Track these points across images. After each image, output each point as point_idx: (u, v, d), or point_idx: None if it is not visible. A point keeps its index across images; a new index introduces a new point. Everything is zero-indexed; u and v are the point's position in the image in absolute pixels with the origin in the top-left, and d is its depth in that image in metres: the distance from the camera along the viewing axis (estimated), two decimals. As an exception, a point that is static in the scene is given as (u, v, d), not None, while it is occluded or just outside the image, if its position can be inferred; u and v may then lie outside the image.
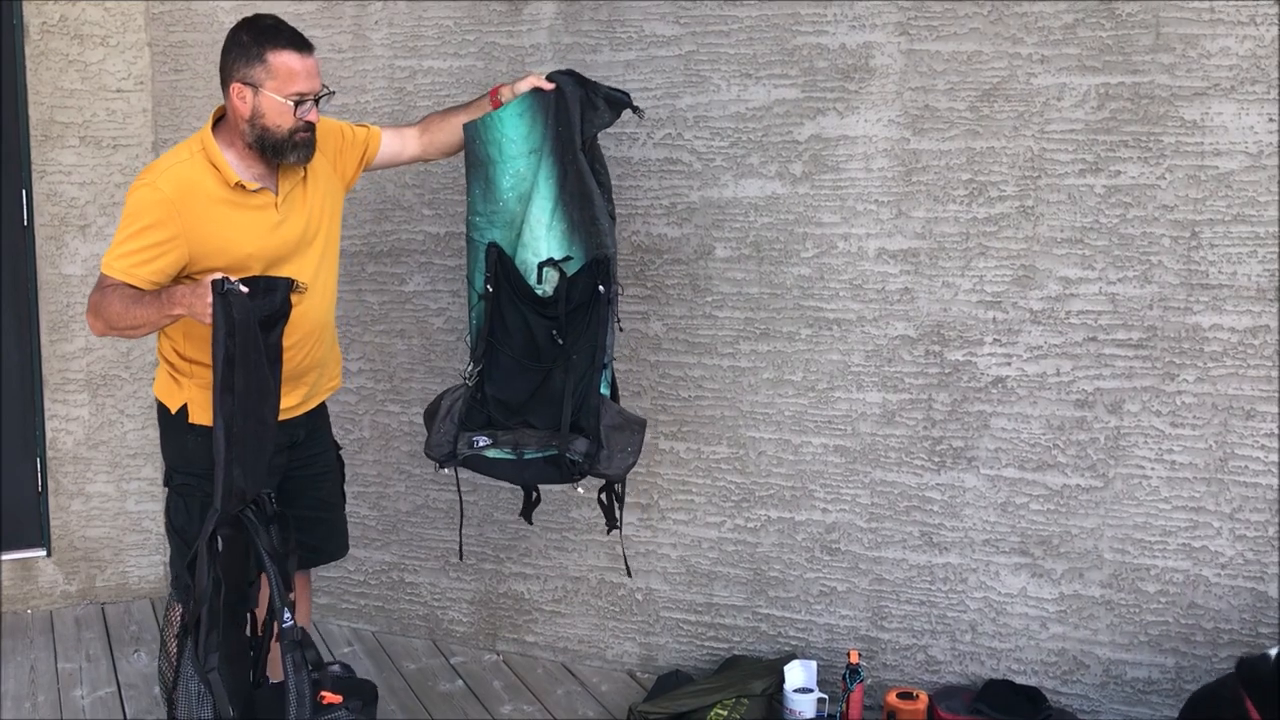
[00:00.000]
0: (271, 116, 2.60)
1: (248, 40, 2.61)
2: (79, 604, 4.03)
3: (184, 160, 2.63)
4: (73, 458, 3.96)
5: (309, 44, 2.65)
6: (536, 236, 2.80)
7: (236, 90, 2.61)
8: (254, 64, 2.59)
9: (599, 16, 3.33)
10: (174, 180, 2.59)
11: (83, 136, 3.84)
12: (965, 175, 3.07)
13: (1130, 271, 2.97)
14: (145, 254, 2.56)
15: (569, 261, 2.80)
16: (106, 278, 2.58)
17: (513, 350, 2.84)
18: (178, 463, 2.76)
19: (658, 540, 3.49)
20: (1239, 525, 2.97)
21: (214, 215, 2.61)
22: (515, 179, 2.81)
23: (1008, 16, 2.98)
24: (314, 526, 2.95)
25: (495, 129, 2.81)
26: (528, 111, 2.80)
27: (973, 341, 3.12)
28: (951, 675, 3.25)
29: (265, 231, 2.67)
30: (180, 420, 2.72)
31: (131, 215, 2.58)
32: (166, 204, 2.55)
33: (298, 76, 2.60)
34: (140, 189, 2.60)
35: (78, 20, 3.80)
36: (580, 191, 2.79)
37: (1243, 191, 2.86)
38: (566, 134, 2.78)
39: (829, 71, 3.14)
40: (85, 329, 3.90)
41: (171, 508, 2.78)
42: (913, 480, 3.22)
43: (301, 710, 2.41)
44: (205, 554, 2.41)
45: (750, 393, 3.33)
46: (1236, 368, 2.92)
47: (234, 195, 2.64)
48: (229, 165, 2.63)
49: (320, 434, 2.97)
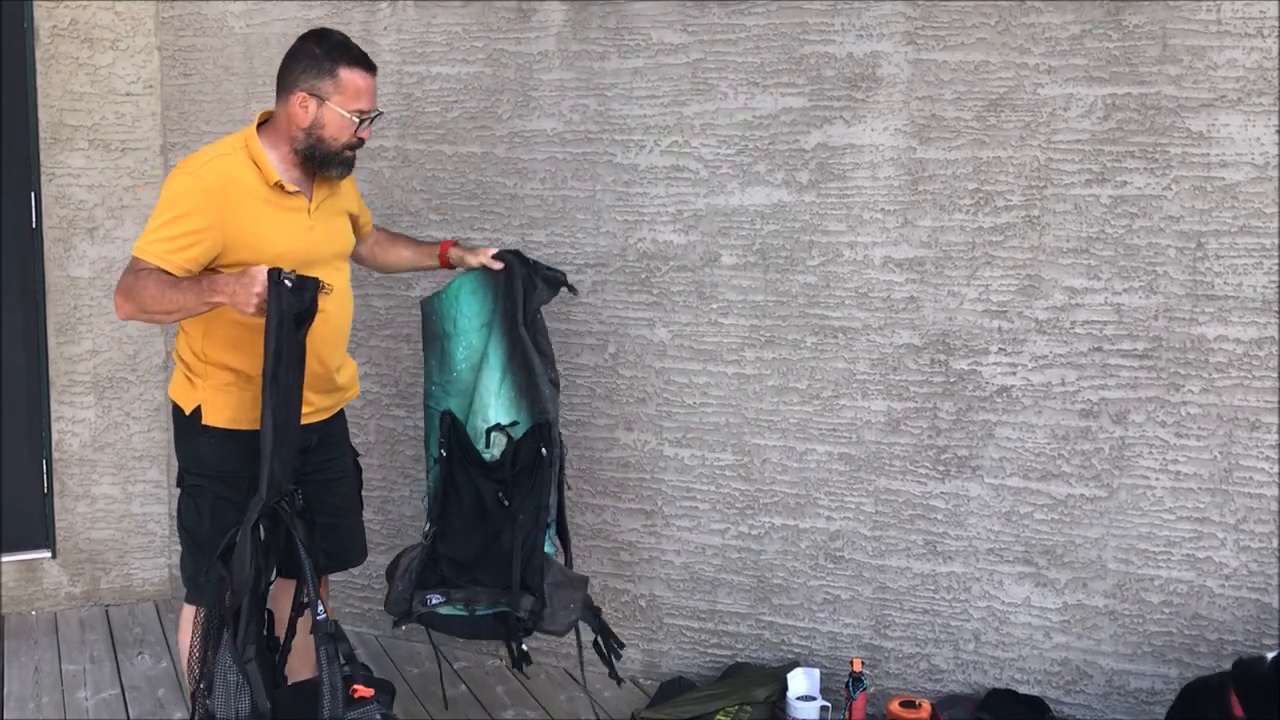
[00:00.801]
0: (332, 129, 2.66)
1: (319, 53, 2.65)
2: (83, 606, 4.04)
3: (226, 154, 2.66)
4: (78, 460, 3.97)
5: (373, 64, 2.72)
6: (486, 404, 2.99)
7: (300, 99, 2.65)
8: (324, 77, 2.64)
9: (607, 24, 3.34)
10: (216, 171, 2.61)
11: (92, 139, 3.86)
12: (971, 185, 3.07)
13: (1136, 282, 2.98)
14: (182, 240, 2.56)
15: (515, 426, 2.97)
16: (140, 261, 2.57)
17: (463, 512, 2.98)
18: (189, 464, 2.76)
19: (661, 546, 3.49)
20: (1243, 536, 2.97)
21: (251, 211, 2.63)
22: (468, 350, 3.03)
23: (1015, 27, 2.99)
24: (329, 532, 2.93)
25: (451, 306, 3.03)
26: (480, 289, 3.02)
27: (978, 351, 3.12)
28: (954, 684, 3.25)
29: (297, 233, 2.70)
30: (194, 421, 2.72)
31: (171, 201, 2.60)
32: (207, 193, 2.57)
33: (363, 94, 2.67)
34: (181, 176, 2.62)
35: (88, 24, 3.81)
36: (524, 362, 2.99)
37: (1249, 203, 2.87)
38: (511, 310, 3.00)
39: (836, 80, 3.15)
40: (92, 331, 3.92)
41: (182, 508, 2.78)
42: (917, 489, 3.22)
43: (335, 704, 2.39)
44: (249, 542, 2.41)
45: (755, 400, 3.33)
46: (1241, 379, 2.92)
47: (272, 194, 2.66)
48: (270, 164, 2.66)
49: (335, 440, 2.96)
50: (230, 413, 2.71)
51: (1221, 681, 2.71)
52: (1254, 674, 2.66)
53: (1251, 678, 2.65)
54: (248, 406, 2.71)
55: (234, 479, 2.70)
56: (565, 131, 3.42)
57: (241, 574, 2.39)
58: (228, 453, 2.71)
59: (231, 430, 2.71)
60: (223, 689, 2.33)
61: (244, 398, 2.71)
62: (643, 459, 3.47)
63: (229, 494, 2.71)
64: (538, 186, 3.49)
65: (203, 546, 2.72)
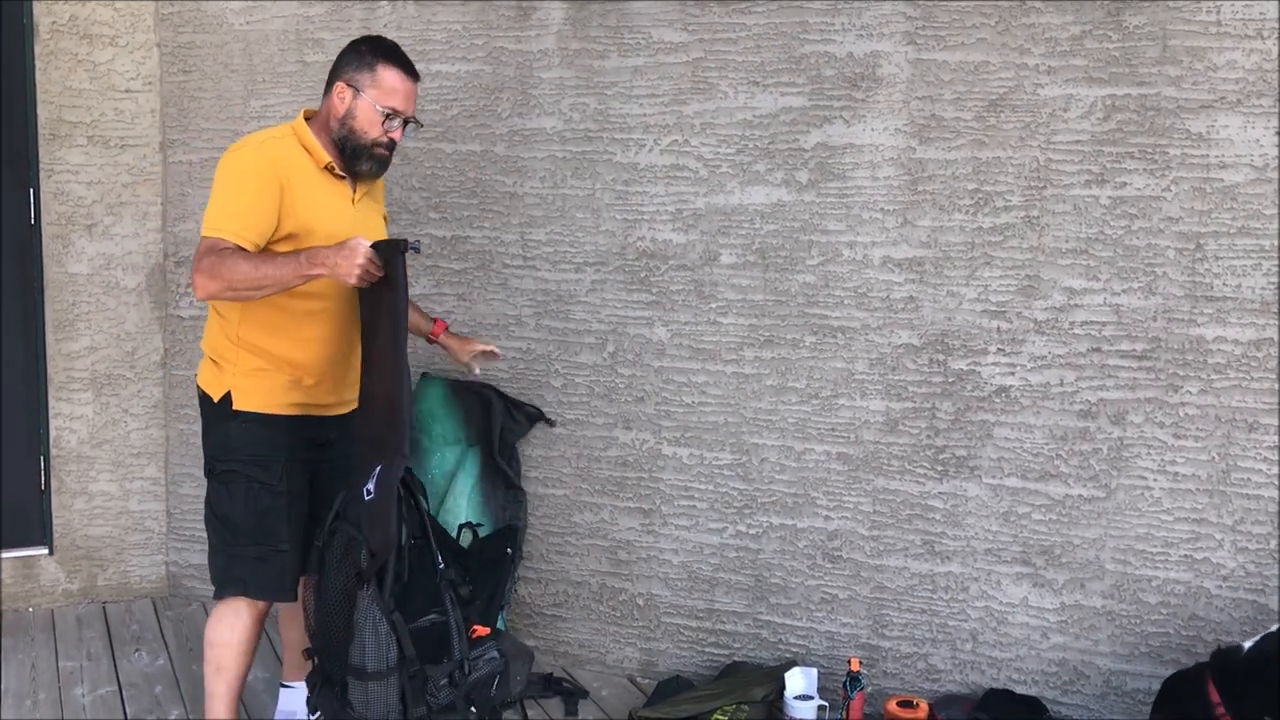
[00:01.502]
0: (361, 121, 2.72)
1: (365, 50, 2.75)
2: (80, 603, 4.04)
3: (278, 137, 2.73)
4: (76, 456, 3.96)
5: (417, 73, 2.79)
6: (459, 504, 3.47)
7: (339, 89, 2.73)
8: (363, 70, 2.72)
9: (607, 22, 3.34)
10: (272, 150, 2.69)
11: (91, 136, 3.85)
12: (971, 185, 3.07)
13: (1135, 283, 2.98)
14: (253, 215, 2.61)
15: (481, 527, 3.42)
16: (217, 240, 2.59)
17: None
18: (219, 451, 2.78)
19: (659, 545, 3.49)
20: (1241, 537, 2.97)
21: (305, 187, 2.69)
22: (441, 461, 3.53)
23: (1015, 27, 2.99)
24: None
25: (427, 420, 3.51)
26: (453, 412, 3.52)
27: (977, 351, 3.12)
28: (952, 684, 3.25)
29: (345, 216, 2.76)
30: (224, 408, 2.75)
31: (234, 176, 2.65)
32: (269, 165, 2.64)
33: (397, 93, 2.73)
34: (240, 152, 2.68)
35: (87, 20, 3.81)
36: (494, 481, 3.50)
37: (1248, 204, 2.87)
38: (489, 443, 3.49)
39: (836, 80, 3.15)
40: (90, 328, 3.91)
41: (215, 496, 2.79)
42: (915, 489, 3.22)
43: (462, 644, 2.58)
44: (396, 505, 2.52)
45: (754, 399, 3.33)
46: (1240, 380, 2.93)
47: (322, 177, 2.73)
48: (320, 148, 2.73)
49: (349, 435, 2.93)
50: (261, 397, 2.75)
51: (1199, 672, 2.76)
52: (1230, 662, 2.71)
53: (1227, 665, 2.71)
54: (278, 391, 2.76)
55: (267, 463, 2.75)
56: (565, 130, 3.42)
57: (388, 532, 2.49)
58: (259, 437, 2.74)
59: (262, 415, 2.75)
60: (373, 641, 2.48)
61: (275, 382, 2.75)
62: (641, 458, 3.47)
63: (264, 478, 2.74)
64: (537, 185, 3.48)
65: (238, 532, 2.75)
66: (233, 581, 2.79)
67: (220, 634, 2.82)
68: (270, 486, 2.75)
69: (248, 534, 2.75)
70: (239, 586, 2.78)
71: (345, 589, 2.53)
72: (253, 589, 2.79)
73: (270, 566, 2.77)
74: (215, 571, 2.83)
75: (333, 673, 2.57)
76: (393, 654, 2.49)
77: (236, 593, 2.79)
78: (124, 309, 3.94)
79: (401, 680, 2.49)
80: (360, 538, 2.53)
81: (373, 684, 2.48)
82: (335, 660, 2.55)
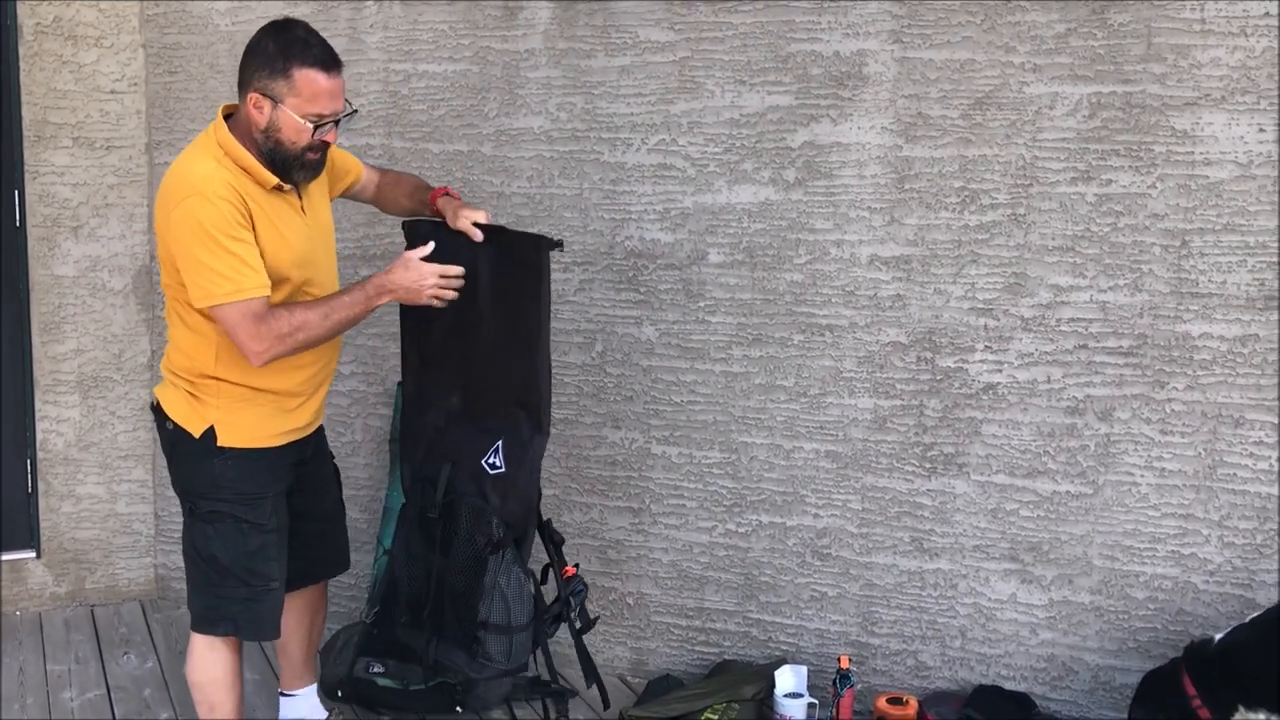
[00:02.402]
0: (287, 133, 2.48)
1: (274, 50, 2.45)
2: (68, 606, 4.02)
3: (213, 167, 2.47)
4: (63, 459, 3.95)
5: (338, 61, 2.49)
6: None
7: (254, 100, 2.46)
8: (277, 77, 2.44)
9: (594, 21, 3.34)
10: (224, 184, 2.45)
11: (76, 138, 3.84)
12: (958, 183, 3.08)
13: (1121, 280, 2.99)
14: (255, 259, 2.43)
15: None
16: (251, 303, 2.41)
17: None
18: (203, 489, 2.60)
19: (649, 545, 3.49)
20: (1227, 532, 2.98)
21: (263, 217, 2.50)
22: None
23: (1001, 25, 3.00)
24: (321, 540, 2.91)
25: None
26: None
27: (964, 348, 3.13)
28: (941, 681, 3.26)
29: (300, 234, 2.59)
30: (207, 444, 2.57)
31: (209, 225, 2.40)
32: (235, 205, 2.43)
33: (321, 97, 2.46)
34: (192, 199, 2.43)
35: (72, 21, 3.79)
36: None
37: (1233, 201, 2.88)
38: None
39: (823, 78, 3.16)
40: (77, 330, 3.90)
41: (199, 536, 2.62)
42: (904, 486, 3.23)
43: (562, 584, 2.90)
44: (536, 477, 2.80)
45: (742, 398, 3.34)
46: (1226, 376, 2.94)
47: (273, 198, 2.53)
48: (262, 168, 2.50)
49: (323, 447, 2.92)
50: (247, 431, 2.59)
51: (1174, 666, 2.79)
52: (1202, 654, 2.75)
53: (1200, 657, 2.75)
54: (264, 422, 2.60)
55: (254, 500, 2.61)
56: (552, 129, 3.42)
57: (529, 503, 2.79)
58: (246, 474, 2.59)
59: (249, 450, 2.59)
60: (517, 599, 2.75)
61: (260, 413, 2.59)
62: (630, 457, 3.47)
63: (253, 517, 2.60)
64: (525, 185, 3.48)
65: (226, 574, 2.61)
66: (223, 621, 2.66)
67: (204, 673, 2.71)
68: (260, 526, 2.61)
69: (236, 575, 2.62)
70: (229, 627, 2.66)
71: (475, 555, 2.74)
72: (244, 630, 2.68)
73: (262, 605, 2.67)
74: (198, 609, 2.68)
75: (453, 632, 2.78)
76: (530, 609, 2.79)
77: (227, 633, 2.67)
78: (110, 311, 3.93)
79: (538, 629, 2.83)
80: (489, 508, 2.72)
81: (517, 636, 2.77)
82: (463, 620, 2.76)
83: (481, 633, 2.75)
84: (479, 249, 2.71)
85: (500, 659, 2.78)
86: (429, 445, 2.84)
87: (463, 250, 2.70)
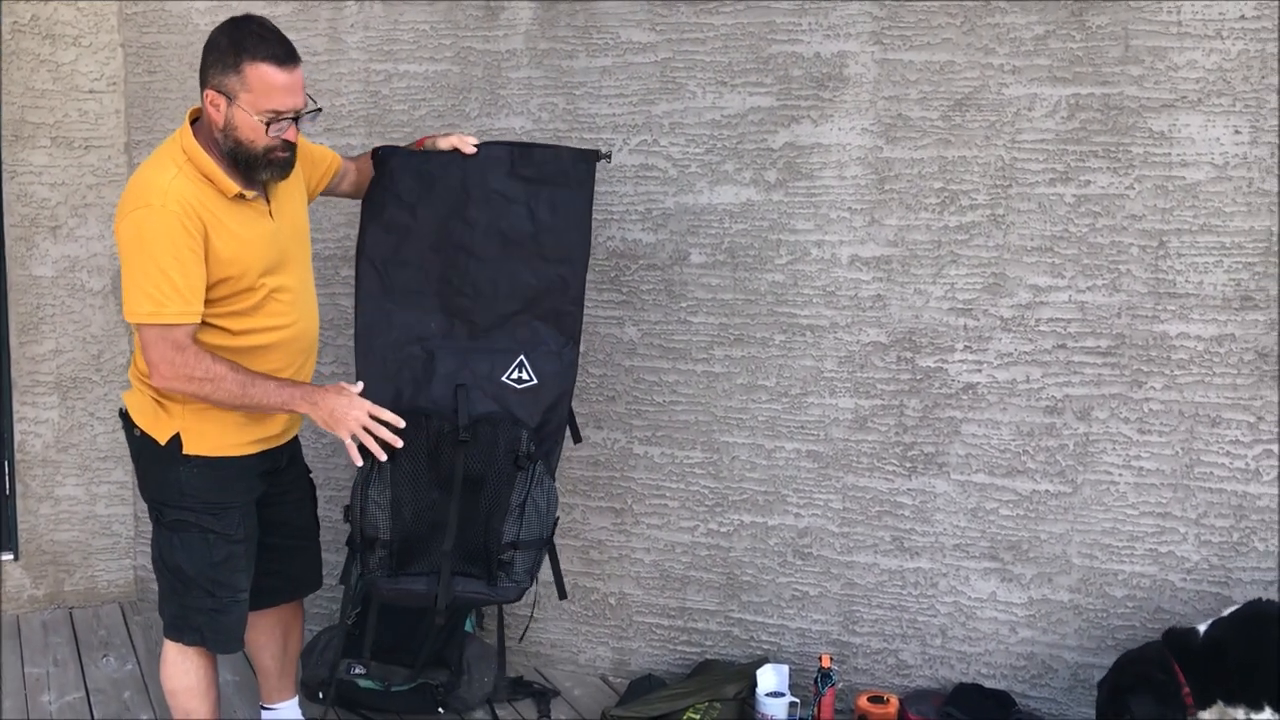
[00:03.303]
0: (245, 131, 2.41)
1: (226, 45, 2.40)
2: (46, 608, 4.00)
3: (174, 176, 2.41)
4: (41, 460, 3.92)
5: (294, 55, 2.43)
6: None
7: (210, 97, 2.41)
8: (229, 73, 2.38)
9: (575, 22, 3.34)
10: (178, 197, 2.38)
11: (54, 137, 3.82)
12: (937, 184, 3.10)
13: (1099, 280, 3.01)
14: (186, 284, 2.35)
15: None
16: (170, 330, 2.35)
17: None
18: (169, 497, 2.57)
19: (631, 545, 3.50)
20: (1204, 530, 3.01)
21: (221, 228, 2.43)
22: None
23: (980, 27, 3.02)
24: (294, 556, 2.85)
25: None
26: None
27: (944, 348, 3.14)
28: (922, 679, 3.28)
29: (268, 241, 2.52)
30: (172, 452, 2.53)
31: (152, 244, 2.34)
32: (182, 218, 2.36)
33: (275, 92, 2.39)
34: (144, 212, 2.37)
35: (49, 20, 3.77)
36: None
37: (1209, 202, 2.91)
38: None
39: (804, 80, 3.17)
40: (55, 331, 3.87)
41: (165, 545, 2.60)
42: (884, 485, 3.24)
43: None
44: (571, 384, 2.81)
45: (724, 398, 3.35)
46: (1203, 375, 2.96)
47: (234, 205, 2.46)
48: (224, 175, 2.44)
49: (298, 459, 2.86)
50: (214, 439, 2.55)
51: (1160, 653, 2.77)
52: (1190, 645, 2.74)
53: (1188, 648, 2.74)
54: (232, 430, 2.56)
55: (220, 510, 2.57)
56: (534, 130, 3.42)
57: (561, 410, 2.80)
58: (212, 482, 2.56)
59: (216, 458, 2.55)
60: (547, 510, 2.74)
61: (227, 420, 2.54)
62: (612, 457, 3.47)
63: (219, 527, 2.57)
64: (506, 185, 3.48)
65: (191, 585, 2.59)
66: (189, 631, 2.64)
67: (177, 680, 2.69)
68: (227, 536, 2.57)
69: (202, 586, 2.59)
70: (195, 637, 2.64)
71: (503, 474, 2.70)
72: (211, 642, 2.66)
73: (229, 617, 2.63)
74: (168, 618, 2.67)
75: (471, 560, 2.71)
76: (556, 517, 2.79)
77: (194, 643, 2.65)
78: (89, 312, 3.91)
79: (551, 541, 2.81)
80: (519, 423, 2.70)
81: (546, 550, 2.77)
82: (490, 544, 2.70)
83: (510, 553, 2.70)
84: (467, 163, 2.76)
85: (524, 576, 2.74)
86: (415, 377, 2.72)
87: (451, 165, 2.78)
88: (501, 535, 2.70)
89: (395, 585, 2.71)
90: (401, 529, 2.68)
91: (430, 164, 2.80)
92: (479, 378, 2.73)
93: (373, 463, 2.64)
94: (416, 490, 2.69)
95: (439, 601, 2.68)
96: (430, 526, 2.70)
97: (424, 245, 2.76)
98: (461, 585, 2.71)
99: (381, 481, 2.67)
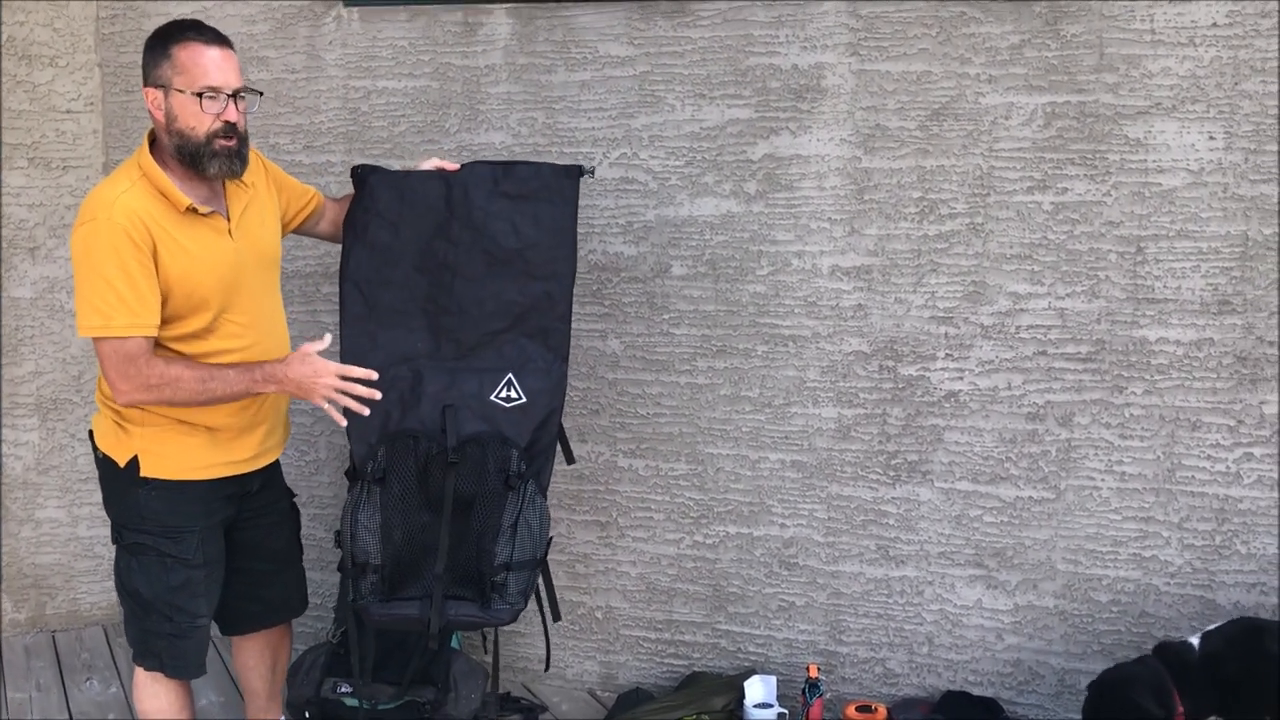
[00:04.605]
0: (185, 118, 2.37)
1: (155, 41, 2.40)
2: (28, 632, 3.96)
3: (126, 190, 2.39)
4: (22, 483, 3.90)
5: (224, 39, 2.42)
6: None
7: (149, 97, 2.39)
8: (161, 62, 2.37)
9: (554, 37, 3.35)
10: (125, 211, 2.36)
11: (31, 158, 3.80)
12: (916, 193, 3.11)
13: (1078, 286, 3.03)
14: (135, 296, 2.33)
15: None
16: (123, 344, 2.33)
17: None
18: (128, 519, 2.54)
19: (617, 558, 3.49)
20: (1187, 534, 3.02)
21: (171, 243, 2.40)
22: None
23: (956, 37, 3.04)
24: (271, 581, 2.81)
25: None
26: None
27: (925, 356, 3.16)
28: (909, 687, 3.28)
29: (223, 260, 2.49)
30: (131, 474, 2.51)
31: (96, 258, 2.33)
32: (128, 230, 2.35)
33: (203, 67, 2.35)
34: (88, 225, 2.36)
35: (25, 40, 3.76)
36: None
37: (1185, 208, 2.93)
38: None
39: (781, 92, 3.18)
40: (35, 352, 3.85)
41: (124, 568, 2.58)
42: (868, 494, 3.25)
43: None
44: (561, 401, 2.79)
45: (708, 409, 3.35)
46: (1182, 380, 2.98)
47: (187, 221, 2.43)
48: (176, 189, 2.42)
49: (275, 482, 2.81)
50: (173, 462, 2.52)
51: (1154, 668, 2.69)
52: (1186, 661, 2.67)
53: (1184, 665, 2.66)
54: (192, 453, 2.53)
55: (179, 534, 2.53)
56: (514, 144, 3.42)
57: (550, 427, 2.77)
58: (170, 506, 2.52)
59: (174, 481, 2.52)
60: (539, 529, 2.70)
61: (188, 443, 2.52)
62: (597, 470, 3.47)
63: (176, 551, 2.53)
64: (487, 200, 3.48)
65: (149, 609, 2.56)
66: (149, 656, 2.63)
67: (149, 702, 2.68)
68: (185, 560, 2.54)
69: (160, 611, 2.56)
70: (155, 663, 2.63)
71: (494, 494, 2.68)
72: (169, 668, 2.63)
73: (187, 643, 2.61)
74: (132, 641, 2.66)
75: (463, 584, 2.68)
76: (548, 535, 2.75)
77: (153, 669, 2.64)
78: (69, 333, 3.88)
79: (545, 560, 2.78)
80: (509, 442, 2.69)
81: (540, 570, 2.74)
82: (483, 565, 2.67)
83: (503, 575, 2.67)
84: (450, 181, 2.77)
85: (518, 598, 2.70)
86: (402, 398, 2.71)
87: (433, 182, 2.79)
88: (494, 556, 2.67)
89: (387, 611, 2.68)
90: (392, 553, 2.66)
91: (411, 181, 2.80)
92: (467, 397, 2.72)
93: (362, 486, 2.64)
94: (406, 513, 2.67)
95: (431, 626, 2.66)
96: (421, 549, 2.68)
97: (408, 265, 2.76)
98: (454, 609, 2.68)
99: (371, 505, 2.66)
